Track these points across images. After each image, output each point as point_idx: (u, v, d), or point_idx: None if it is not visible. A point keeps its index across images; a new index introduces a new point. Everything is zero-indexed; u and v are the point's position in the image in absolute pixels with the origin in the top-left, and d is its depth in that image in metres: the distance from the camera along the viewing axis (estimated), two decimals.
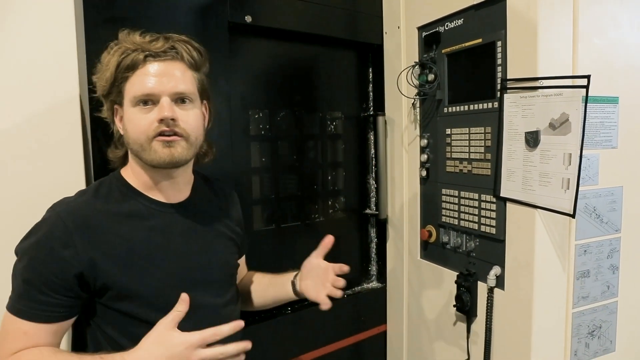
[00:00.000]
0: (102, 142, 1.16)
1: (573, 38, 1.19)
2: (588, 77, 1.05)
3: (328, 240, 1.09)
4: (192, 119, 0.94)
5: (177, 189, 1.01)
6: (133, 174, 0.98)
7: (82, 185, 1.11)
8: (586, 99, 1.06)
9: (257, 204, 1.62)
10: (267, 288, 1.22)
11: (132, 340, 0.85)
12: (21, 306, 0.85)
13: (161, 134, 0.89)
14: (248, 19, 1.42)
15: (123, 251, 0.90)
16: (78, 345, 0.95)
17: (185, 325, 0.92)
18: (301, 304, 1.66)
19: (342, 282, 1.06)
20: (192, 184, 1.06)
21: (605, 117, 1.27)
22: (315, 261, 1.09)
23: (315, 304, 1.08)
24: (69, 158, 1.09)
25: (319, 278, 1.07)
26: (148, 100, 0.89)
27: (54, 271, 0.84)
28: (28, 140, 1.06)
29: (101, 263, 0.87)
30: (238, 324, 0.87)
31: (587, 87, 1.06)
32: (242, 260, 1.25)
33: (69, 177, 1.00)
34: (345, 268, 1.06)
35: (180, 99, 0.92)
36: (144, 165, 0.95)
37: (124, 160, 1.02)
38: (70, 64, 1.06)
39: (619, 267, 1.34)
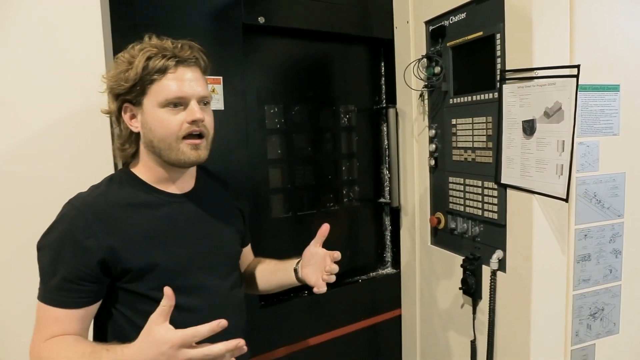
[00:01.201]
0: None
1: (570, 28, 1.22)
2: (578, 66, 1.09)
3: (324, 229, 1.12)
4: (211, 120, 1.04)
5: (184, 181, 1.09)
6: (145, 170, 1.05)
7: None
8: (576, 88, 1.10)
9: (275, 194, 1.73)
10: (272, 274, 1.28)
11: (146, 318, 0.88)
12: (52, 295, 0.92)
13: (189, 135, 0.98)
14: (261, 20, 1.51)
15: (139, 237, 0.97)
16: (99, 327, 1.03)
17: (194, 304, 1.02)
18: None
19: (336, 268, 1.10)
20: (195, 175, 1.15)
21: (606, 104, 1.30)
22: (314, 249, 1.13)
23: (332, 287, 1.12)
24: (99, 157, 1.21)
25: (318, 265, 1.12)
26: (178, 103, 0.97)
27: (80, 261, 0.92)
28: (61, 140, 1.18)
29: (120, 249, 0.94)
30: (218, 324, 0.81)
31: (577, 76, 1.10)
32: (247, 249, 1.33)
33: (99, 175, 1.11)
34: (337, 255, 1.09)
35: (203, 102, 1.01)
36: (161, 162, 1.02)
37: (131, 158, 1.09)
38: (99, 67, 1.18)
39: (622, 252, 1.37)
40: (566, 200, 1.15)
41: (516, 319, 1.32)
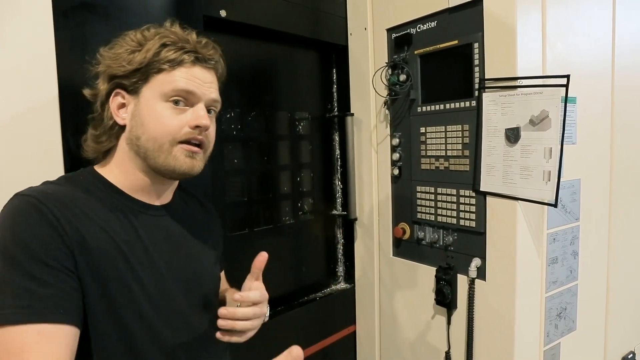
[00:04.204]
0: (71, 143, 1.04)
1: (542, 41, 1.29)
2: (568, 76, 1.14)
3: (260, 260, 0.91)
4: (214, 131, 0.92)
5: (162, 193, 0.93)
6: (119, 172, 0.86)
7: None
8: (566, 97, 1.15)
9: (231, 208, 1.54)
10: None
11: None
12: (13, 307, 0.66)
13: (189, 141, 0.84)
14: (223, 13, 1.35)
15: (111, 245, 0.78)
16: None
17: (179, 339, 0.86)
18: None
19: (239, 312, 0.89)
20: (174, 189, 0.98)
21: (567, 115, 1.38)
22: (249, 284, 0.92)
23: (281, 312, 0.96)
24: (48, 158, 0.96)
25: None
26: (180, 100, 0.83)
27: (47, 247, 0.69)
28: (5, 139, 0.93)
29: (90, 252, 0.74)
30: None
31: (566, 86, 1.14)
32: (221, 275, 1.15)
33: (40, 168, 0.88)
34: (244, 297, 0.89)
35: (208, 109, 0.88)
36: (144, 167, 0.85)
37: (101, 156, 0.89)
38: (49, 61, 0.93)
39: (579, 253, 1.47)
40: (555, 205, 1.19)
41: (498, 326, 1.33)
